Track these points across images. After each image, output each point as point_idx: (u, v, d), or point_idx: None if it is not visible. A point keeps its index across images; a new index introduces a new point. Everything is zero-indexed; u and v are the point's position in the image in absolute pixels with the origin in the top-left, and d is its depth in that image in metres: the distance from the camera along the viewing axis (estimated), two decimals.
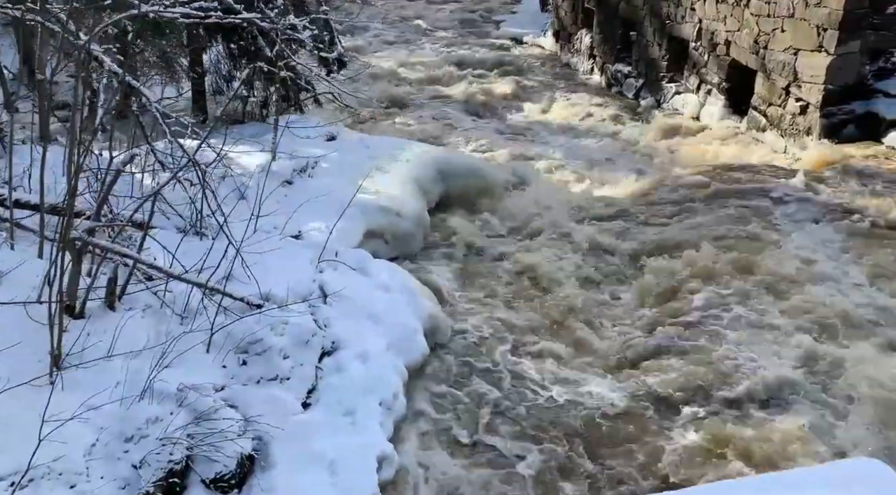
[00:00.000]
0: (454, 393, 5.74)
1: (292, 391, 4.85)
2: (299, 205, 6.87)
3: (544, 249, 8.00)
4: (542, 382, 5.91)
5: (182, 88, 11.06)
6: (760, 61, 10.69)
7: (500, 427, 5.47)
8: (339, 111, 12.24)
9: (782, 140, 10.36)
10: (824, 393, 5.48)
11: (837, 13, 9.16)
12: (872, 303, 6.43)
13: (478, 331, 6.58)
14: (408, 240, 7.95)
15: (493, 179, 9.54)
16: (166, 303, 4.95)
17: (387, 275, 6.37)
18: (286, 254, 5.96)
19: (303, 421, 4.70)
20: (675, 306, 6.62)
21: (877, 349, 5.85)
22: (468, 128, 13.14)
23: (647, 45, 13.78)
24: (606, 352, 6.24)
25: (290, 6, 10.00)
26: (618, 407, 5.57)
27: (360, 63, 17.52)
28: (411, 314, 5.98)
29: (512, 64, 17.10)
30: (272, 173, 8.03)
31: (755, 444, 4.95)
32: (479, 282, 7.47)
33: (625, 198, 9.14)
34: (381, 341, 5.51)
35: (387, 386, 5.17)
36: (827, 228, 7.63)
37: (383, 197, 8.13)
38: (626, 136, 12.04)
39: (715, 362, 5.84)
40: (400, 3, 24.61)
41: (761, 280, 6.82)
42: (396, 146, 9.63)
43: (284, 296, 5.33)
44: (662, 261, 7.29)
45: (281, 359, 4.95)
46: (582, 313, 6.77)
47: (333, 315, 5.53)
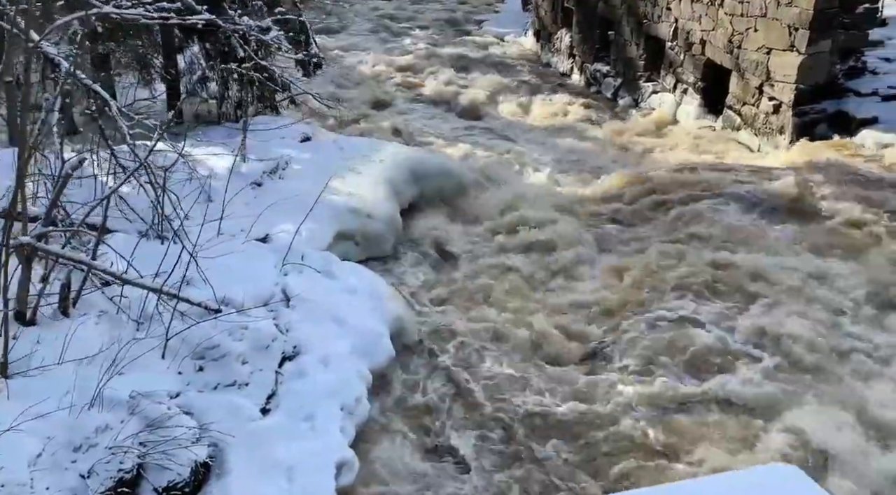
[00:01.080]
0: (419, 396, 5.70)
1: (251, 397, 4.79)
2: (267, 207, 6.79)
3: (517, 250, 7.97)
4: (509, 384, 5.87)
5: (155, 90, 10.95)
6: (734, 61, 10.73)
7: (465, 430, 5.42)
8: (316, 112, 12.20)
9: (756, 139, 10.40)
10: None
11: (808, 13, 9.20)
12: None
13: (447, 332, 6.53)
14: (379, 242, 7.90)
15: (467, 180, 9.50)
16: (122, 308, 4.87)
17: (354, 277, 6.32)
18: (249, 258, 5.90)
19: (261, 427, 4.64)
20: (642, 306, 6.61)
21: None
22: (446, 127, 13.11)
23: (625, 45, 13.81)
24: (573, 352, 6.21)
25: (263, 7, 9.95)
26: (581, 409, 5.54)
27: (341, 63, 17.61)
28: (377, 317, 5.93)
29: (493, 63, 17.07)
30: (241, 175, 7.99)
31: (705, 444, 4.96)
32: (449, 283, 7.42)
33: (597, 199, 9.14)
34: (344, 345, 5.46)
35: (349, 391, 5.12)
36: (793, 226, 7.65)
37: (354, 198, 8.07)
38: (603, 136, 12.04)
39: (685, 359, 5.85)
40: (382, 2, 24.54)
41: (722, 281, 6.83)
42: (370, 147, 9.57)
43: (245, 301, 5.27)
44: (630, 260, 7.28)
45: (239, 364, 4.89)
46: (553, 313, 6.74)
47: (296, 319, 5.48)
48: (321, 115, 12.22)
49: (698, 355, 5.96)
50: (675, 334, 6.16)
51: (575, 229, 8.21)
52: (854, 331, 6.09)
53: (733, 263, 7.03)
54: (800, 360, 5.75)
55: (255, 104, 11.20)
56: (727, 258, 7.13)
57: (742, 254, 7.20)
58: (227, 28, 5.94)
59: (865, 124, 9.29)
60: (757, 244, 7.42)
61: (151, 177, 5.13)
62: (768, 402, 5.37)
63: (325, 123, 12.06)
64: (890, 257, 7.03)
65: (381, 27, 21.27)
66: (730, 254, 7.19)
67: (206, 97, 11.27)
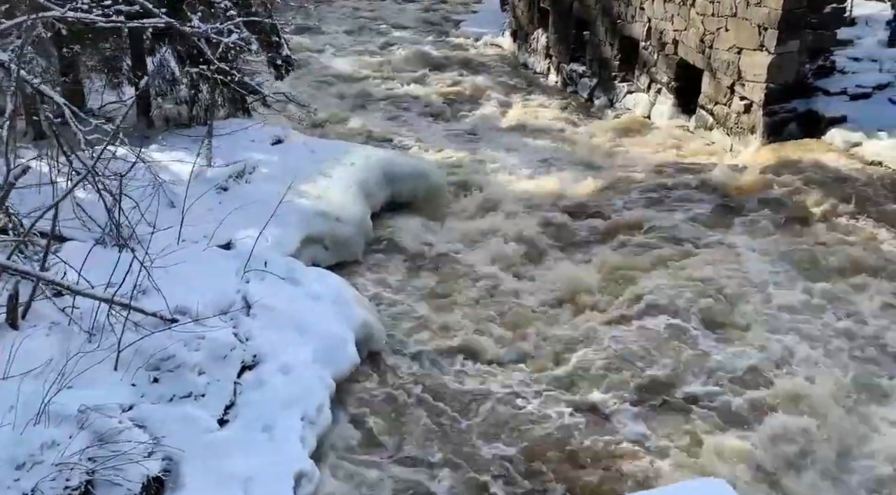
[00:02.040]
0: (384, 403, 5.62)
1: (207, 408, 4.69)
2: (230, 212, 6.68)
3: (487, 253, 7.92)
4: (476, 388, 5.82)
5: (123, 93, 10.78)
6: (706, 60, 10.76)
7: (431, 436, 5.36)
8: (289, 114, 12.08)
9: (728, 138, 10.43)
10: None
11: (777, 12, 9.23)
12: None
13: (415, 337, 6.47)
14: (349, 246, 7.81)
15: (440, 182, 9.44)
16: (74, 319, 4.75)
17: (319, 283, 6.23)
18: (210, 265, 5.79)
19: (217, 439, 4.54)
20: (608, 308, 6.59)
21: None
22: (423, 129, 13.03)
23: (600, 45, 13.81)
24: (542, 357, 6.17)
25: (230, 9, 9.81)
26: (552, 414, 5.49)
27: (317, 65, 17.46)
28: (342, 323, 5.84)
29: (470, 64, 17.02)
30: (206, 179, 7.88)
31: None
32: (420, 287, 7.35)
33: (570, 200, 9.12)
34: (306, 352, 5.37)
35: (310, 400, 5.03)
36: (760, 225, 7.68)
37: (324, 202, 7.98)
38: (578, 137, 12.02)
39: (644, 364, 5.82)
40: (360, 3, 24.42)
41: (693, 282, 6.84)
42: (342, 150, 9.47)
43: (203, 309, 5.16)
44: (599, 261, 7.27)
45: (196, 375, 4.79)
46: (522, 318, 6.70)
47: (257, 327, 5.38)
48: (295, 117, 12.11)
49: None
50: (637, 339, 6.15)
51: (543, 232, 8.18)
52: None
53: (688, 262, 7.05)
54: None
55: (227, 107, 11.07)
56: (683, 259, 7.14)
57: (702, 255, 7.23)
58: (186, 32, 5.81)
59: (834, 123, 9.35)
60: (718, 247, 7.42)
61: (102, 184, 4.99)
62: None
63: (299, 125, 11.94)
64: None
65: (359, 28, 21.15)
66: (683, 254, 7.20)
67: (177, 100, 11.13)
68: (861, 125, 9.13)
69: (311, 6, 19.79)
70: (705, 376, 5.70)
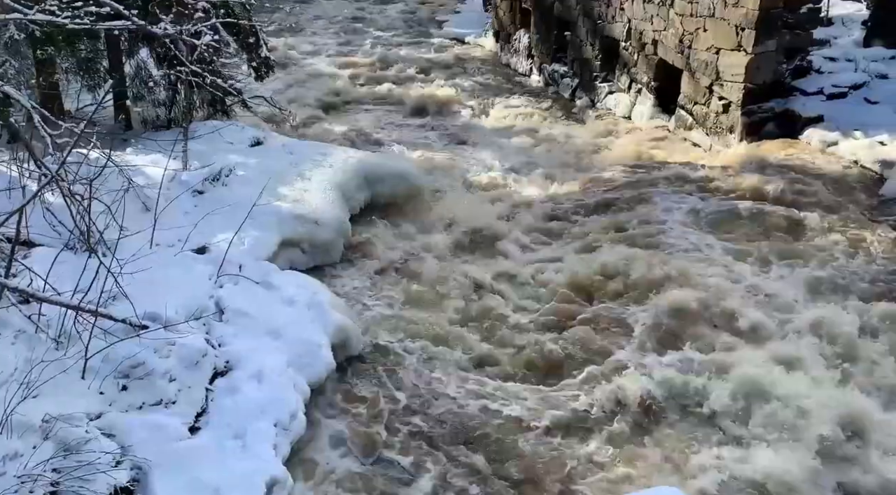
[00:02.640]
0: (360, 408, 5.57)
1: (178, 415, 4.62)
2: (204, 216, 6.61)
3: (468, 255, 7.89)
4: (453, 393, 5.77)
5: (98, 95, 10.64)
6: (685, 60, 10.80)
7: (407, 442, 5.31)
8: (269, 116, 11.99)
9: (707, 138, 10.48)
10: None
11: (754, 13, 9.28)
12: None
13: (393, 341, 6.41)
14: (327, 249, 7.75)
15: (420, 184, 9.38)
16: (41, 327, 4.66)
17: (294, 287, 6.17)
18: (182, 270, 5.72)
19: (188, 447, 4.48)
20: (581, 312, 6.58)
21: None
22: (404, 130, 12.99)
23: (581, 45, 13.84)
24: (516, 363, 6.13)
25: (209, 10, 9.71)
26: (525, 420, 5.47)
27: (299, 65, 17.36)
28: (317, 327, 5.79)
29: (452, 64, 17.00)
30: (182, 182, 7.79)
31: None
32: (399, 290, 7.29)
33: (546, 201, 9.12)
34: (280, 358, 5.31)
35: (283, 406, 4.97)
36: (736, 225, 7.72)
37: (302, 205, 7.91)
38: (559, 138, 12.02)
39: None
40: (343, 3, 24.32)
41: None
42: (320, 151, 9.41)
43: (174, 315, 5.09)
44: (573, 265, 7.27)
45: (166, 382, 4.72)
46: (501, 323, 6.66)
47: (230, 332, 5.32)
48: (274, 118, 12.03)
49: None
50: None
51: (522, 233, 8.18)
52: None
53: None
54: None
55: (205, 109, 10.97)
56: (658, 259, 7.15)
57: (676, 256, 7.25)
58: (157, 34, 5.74)
59: (811, 123, 9.42)
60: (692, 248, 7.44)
61: (68, 189, 4.91)
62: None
63: (279, 127, 11.86)
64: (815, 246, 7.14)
65: (341, 28, 21.06)
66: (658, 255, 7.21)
67: (155, 102, 11.02)
68: (837, 125, 9.21)
69: (286, 8, 19.66)
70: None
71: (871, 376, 5.51)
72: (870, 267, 6.87)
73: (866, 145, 8.68)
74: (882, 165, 8.42)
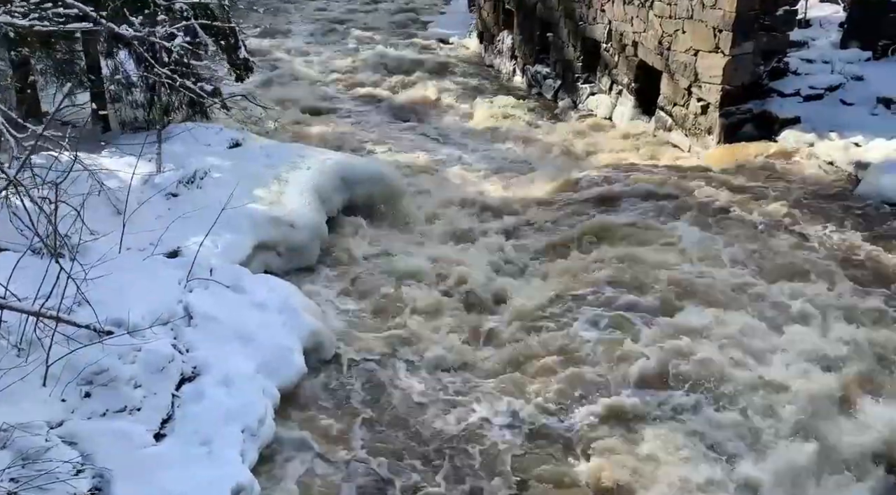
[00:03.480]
0: (331, 413, 5.53)
1: (143, 422, 4.57)
2: (175, 219, 6.55)
3: (446, 257, 7.85)
4: (425, 399, 5.74)
5: (75, 98, 10.53)
6: (665, 62, 10.83)
7: (378, 447, 5.28)
8: (249, 117, 11.92)
9: (687, 139, 10.52)
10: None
11: (730, 14, 9.32)
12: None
13: (368, 344, 6.37)
14: (303, 252, 7.70)
15: (399, 186, 9.35)
16: (2, 334, 4.59)
17: (266, 291, 6.12)
18: (151, 274, 5.66)
19: (152, 454, 4.43)
20: (554, 316, 6.56)
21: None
22: (387, 131, 12.95)
23: (563, 47, 13.86)
24: (489, 367, 6.11)
25: (183, 11, 9.64)
26: (497, 425, 5.45)
27: (282, 66, 17.26)
28: (289, 332, 5.75)
29: (436, 66, 16.93)
30: (156, 185, 7.72)
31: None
32: (375, 293, 7.25)
33: (526, 203, 9.11)
34: (249, 363, 5.27)
35: (252, 412, 4.93)
36: (712, 226, 7.74)
37: (277, 207, 7.86)
38: (541, 139, 12.03)
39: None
40: (328, 3, 24.23)
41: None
42: (298, 153, 9.34)
43: (141, 321, 5.03)
44: (547, 269, 7.27)
45: (131, 388, 4.66)
46: (476, 325, 6.64)
47: (198, 338, 5.27)
48: (255, 119, 11.95)
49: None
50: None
51: (500, 238, 8.17)
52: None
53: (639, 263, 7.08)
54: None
55: (185, 110, 10.89)
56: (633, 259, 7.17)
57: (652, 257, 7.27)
58: (125, 36, 5.68)
59: (788, 124, 9.46)
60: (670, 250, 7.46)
61: (27, 193, 4.84)
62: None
63: (260, 128, 11.79)
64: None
65: (326, 29, 20.98)
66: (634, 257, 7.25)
67: (133, 104, 10.93)
68: (814, 126, 9.26)
69: (269, 9, 19.48)
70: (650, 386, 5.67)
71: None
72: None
73: (841, 147, 8.73)
74: (856, 166, 8.47)
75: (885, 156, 8.19)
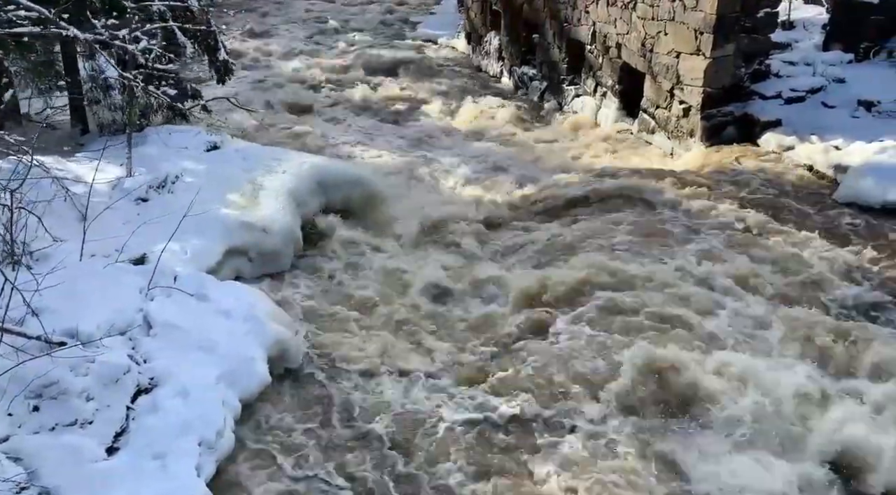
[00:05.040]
0: (294, 423, 5.43)
1: (94, 436, 4.47)
2: (140, 225, 6.44)
3: (423, 263, 7.76)
4: (393, 405, 5.65)
5: (51, 100, 10.42)
6: (648, 64, 10.75)
7: (341, 457, 5.18)
8: (228, 119, 11.80)
9: (669, 142, 10.44)
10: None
11: (711, 16, 9.24)
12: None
13: (336, 352, 6.27)
14: (275, 257, 7.59)
15: (377, 189, 9.23)
16: None
17: (231, 298, 6.01)
18: (112, 282, 5.55)
19: (103, 469, 4.33)
20: (528, 322, 6.48)
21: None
22: (371, 134, 12.85)
23: (549, 48, 13.77)
24: (458, 372, 6.02)
25: (161, 12, 9.53)
26: (465, 429, 5.36)
27: (268, 67, 17.14)
28: (252, 341, 5.64)
29: (424, 67, 16.88)
30: (125, 190, 7.61)
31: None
32: (347, 300, 7.15)
33: (507, 206, 9.04)
34: (210, 373, 5.16)
35: (210, 423, 4.83)
36: (691, 231, 7.65)
37: (250, 212, 7.76)
38: (525, 141, 11.95)
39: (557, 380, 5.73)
40: (318, 3, 24.10)
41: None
42: (276, 156, 9.23)
43: (97, 331, 4.93)
44: (522, 273, 7.18)
45: (83, 401, 4.56)
46: (444, 332, 6.54)
47: (156, 348, 5.16)
48: (236, 122, 11.84)
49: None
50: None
51: (478, 242, 8.08)
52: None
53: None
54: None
55: (165, 112, 10.78)
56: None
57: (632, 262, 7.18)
58: (87, 39, 5.56)
59: (769, 127, 9.39)
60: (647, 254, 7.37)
61: None
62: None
63: (240, 131, 11.68)
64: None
65: (314, 30, 20.86)
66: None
67: (111, 106, 10.81)
68: (795, 129, 9.18)
69: (233, 14, 19.25)
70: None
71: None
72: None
73: (821, 150, 8.65)
74: (836, 170, 8.39)
75: (864, 159, 8.11)
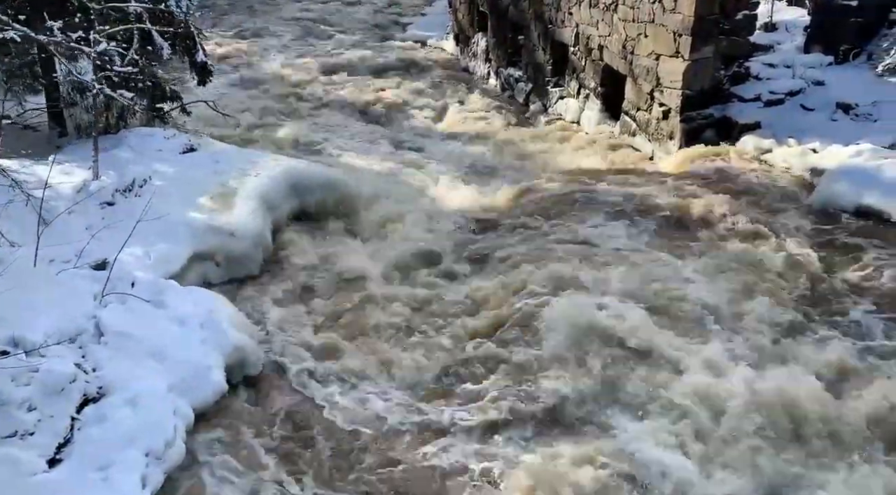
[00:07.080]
0: (249, 433, 5.33)
1: (35, 448, 4.38)
2: (101, 229, 6.36)
3: (394, 269, 7.65)
4: (353, 416, 5.55)
5: (25, 102, 10.33)
6: (629, 66, 10.67)
7: (297, 468, 5.09)
8: (210, 121, 11.72)
9: (650, 144, 10.36)
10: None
11: (689, 19, 9.15)
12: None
13: (298, 360, 6.16)
14: (243, 262, 7.51)
15: (353, 192, 9.13)
16: None
17: (190, 305, 5.91)
18: (64, 288, 5.46)
19: (41, 481, 4.24)
20: (507, 330, 6.37)
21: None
22: (355, 135, 12.77)
23: (534, 50, 13.69)
24: (430, 380, 5.93)
25: (140, 14, 9.43)
26: (432, 438, 5.27)
27: (254, 69, 17.05)
28: (208, 348, 5.55)
29: (413, 68, 16.78)
30: (89, 193, 7.52)
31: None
32: (315, 306, 7.05)
33: (488, 209, 8.97)
34: (162, 382, 5.07)
35: (159, 433, 4.74)
36: (668, 232, 7.58)
37: (218, 215, 7.68)
38: (509, 143, 11.87)
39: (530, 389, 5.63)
40: (307, 4, 24.01)
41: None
42: (250, 159, 9.16)
43: (44, 338, 4.83)
44: (498, 277, 7.09)
45: (24, 411, 4.47)
46: (414, 339, 6.44)
47: (106, 356, 5.07)
48: (216, 124, 11.76)
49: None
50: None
51: (453, 246, 8.00)
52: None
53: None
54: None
55: (142, 114, 10.70)
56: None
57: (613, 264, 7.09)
58: (41, 41, 5.47)
59: (748, 130, 9.30)
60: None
61: None
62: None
63: (221, 132, 11.60)
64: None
65: (303, 31, 20.75)
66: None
67: (87, 108, 10.74)
68: (773, 131, 9.10)
69: (224, 14, 19.10)
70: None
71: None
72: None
73: (798, 153, 8.57)
74: (812, 173, 8.31)
75: (839, 162, 8.02)
